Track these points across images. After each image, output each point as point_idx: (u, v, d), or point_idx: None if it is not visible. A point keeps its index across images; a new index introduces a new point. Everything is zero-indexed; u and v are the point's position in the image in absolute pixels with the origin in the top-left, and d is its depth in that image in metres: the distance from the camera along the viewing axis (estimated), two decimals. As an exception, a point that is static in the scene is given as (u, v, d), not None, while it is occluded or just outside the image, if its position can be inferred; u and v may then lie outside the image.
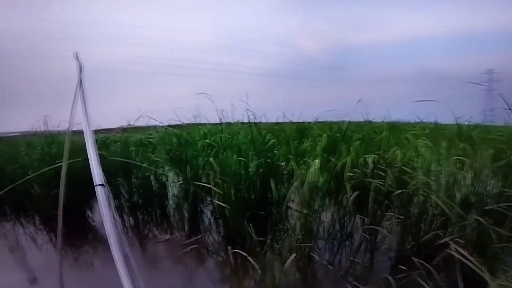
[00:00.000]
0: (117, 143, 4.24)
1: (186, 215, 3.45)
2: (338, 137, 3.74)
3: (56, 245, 3.35)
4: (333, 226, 2.60)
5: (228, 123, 3.64)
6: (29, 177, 3.39)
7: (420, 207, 2.50)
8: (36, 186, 3.63)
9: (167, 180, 3.75)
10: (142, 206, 3.85)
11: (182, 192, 3.48)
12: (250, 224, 2.66)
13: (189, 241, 3.18)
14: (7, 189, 2.18)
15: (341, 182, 2.70)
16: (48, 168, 3.15)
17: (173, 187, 3.70)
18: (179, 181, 3.43)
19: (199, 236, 3.28)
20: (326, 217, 2.63)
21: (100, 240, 3.44)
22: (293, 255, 2.19)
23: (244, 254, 2.33)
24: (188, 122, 4.26)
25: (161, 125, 4.05)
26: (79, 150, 3.83)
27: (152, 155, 3.63)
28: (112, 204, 1.13)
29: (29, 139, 4.64)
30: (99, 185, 1.13)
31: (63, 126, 4.28)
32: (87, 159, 1.24)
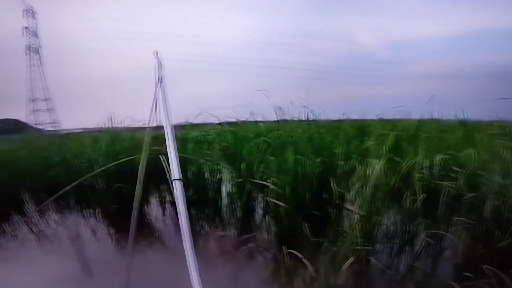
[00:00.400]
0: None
1: (239, 212, 3.58)
2: (403, 135, 3.54)
3: (113, 238, 3.77)
4: (394, 230, 2.46)
5: (285, 121, 3.59)
6: (94, 172, 3.67)
7: (495, 212, 2.26)
8: (100, 180, 3.88)
9: (221, 177, 3.89)
10: (196, 202, 3.98)
11: (236, 189, 3.62)
12: (306, 224, 2.71)
13: (241, 238, 3.32)
14: (75, 183, 2.42)
15: (405, 184, 2.61)
16: (113, 164, 3.40)
17: (227, 184, 3.84)
18: (233, 178, 3.45)
19: (252, 234, 3.38)
20: (387, 220, 2.62)
21: (155, 236, 3.71)
22: (351, 258, 2.25)
23: (299, 255, 2.28)
24: (243, 119, 4.27)
25: (217, 122, 4.11)
26: (140, 146, 4.09)
27: (208, 152, 3.70)
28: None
29: (95, 136, 5.02)
30: (177, 179, 1.17)
31: (127, 123, 4.52)
32: (161, 154, 1.32)
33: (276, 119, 3.65)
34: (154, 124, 1.59)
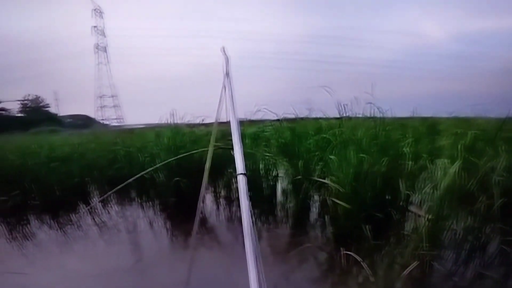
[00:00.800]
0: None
1: (295, 210, 3.60)
2: (480, 135, 3.24)
3: (168, 231, 3.84)
4: (463, 235, 2.41)
5: (348, 118, 3.44)
6: (156, 165, 3.79)
7: None
8: (160, 174, 4.02)
9: (278, 173, 3.94)
10: (250, 198, 3.85)
11: (292, 187, 3.65)
12: (367, 226, 2.64)
13: (296, 237, 3.30)
14: (139, 175, 2.54)
15: (481, 186, 2.45)
16: (174, 158, 3.49)
17: (283, 181, 3.89)
18: (290, 175, 3.38)
19: (308, 234, 3.35)
20: (456, 224, 2.45)
21: (210, 231, 3.72)
22: (415, 262, 2.18)
23: (357, 258, 2.16)
24: (303, 116, 4.19)
25: (275, 118, 4.07)
26: (199, 141, 4.19)
27: (266, 148, 3.67)
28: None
29: (158, 131, 5.22)
30: (241, 174, 1.16)
31: (187, 119, 4.65)
32: (222, 148, 1.33)
33: (338, 116, 3.50)
34: (217, 120, 1.58)
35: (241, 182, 1.13)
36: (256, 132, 4.59)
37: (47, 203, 4.67)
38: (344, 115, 3.54)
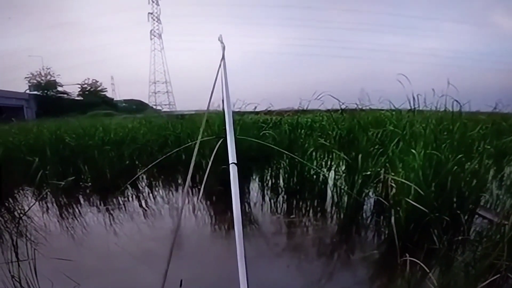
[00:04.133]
0: (286, 125, 4.34)
1: (347, 206, 3.41)
2: None
3: (212, 219, 3.88)
4: None
5: (419, 110, 3.20)
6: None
7: None
8: (208, 160, 4.03)
9: (331, 167, 3.82)
10: (298, 192, 4.05)
11: (347, 182, 3.48)
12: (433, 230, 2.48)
13: (347, 237, 3.20)
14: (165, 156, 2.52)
15: None
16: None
17: (337, 175, 3.75)
18: (345, 169, 3.22)
19: (363, 235, 3.21)
20: None
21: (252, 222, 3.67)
22: (496, 275, 1.94)
23: (422, 265, 1.97)
24: (365, 106, 3.99)
25: (332, 108, 3.92)
26: (246, 128, 4.13)
27: (320, 139, 3.52)
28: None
29: (208, 117, 5.23)
30: (233, 163, 1.22)
31: (237, 106, 4.65)
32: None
33: (409, 108, 3.27)
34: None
35: (232, 172, 1.18)
36: (309, 122, 4.46)
37: (98, 185, 4.91)
38: (415, 107, 3.29)
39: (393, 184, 2.80)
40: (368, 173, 3.23)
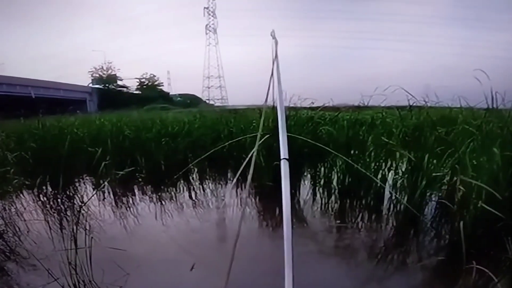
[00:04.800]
0: (344, 121, 4.21)
1: (406, 208, 3.22)
2: None
3: (260, 215, 3.84)
4: None
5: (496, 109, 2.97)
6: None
7: None
8: (260, 156, 4.04)
9: (392, 166, 3.69)
10: (351, 191, 3.93)
11: (408, 183, 3.28)
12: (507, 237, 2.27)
13: (405, 241, 3.05)
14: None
15: None
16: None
17: (398, 176, 3.61)
18: (408, 170, 3.20)
19: (427, 239, 3.02)
20: None
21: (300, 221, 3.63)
22: None
23: (492, 276, 1.81)
24: (433, 103, 3.77)
25: (395, 105, 3.74)
26: (303, 124, 4.07)
27: (383, 137, 3.38)
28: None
29: (261, 112, 5.23)
30: (284, 159, 1.21)
31: (294, 101, 4.60)
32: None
33: (484, 106, 3.02)
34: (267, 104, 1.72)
35: (284, 168, 1.17)
36: (371, 119, 4.29)
37: (152, 177, 5.11)
38: (492, 105, 3.02)
39: (461, 187, 2.60)
40: (434, 174, 3.04)
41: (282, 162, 1.19)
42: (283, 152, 1.25)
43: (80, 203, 4.10)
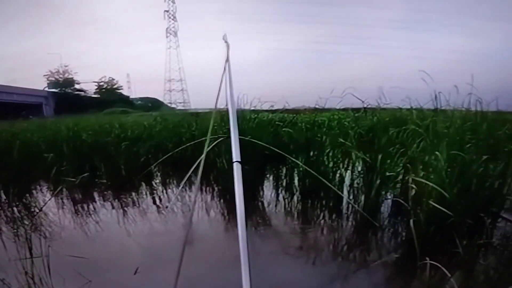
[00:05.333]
0: (302, 123, 4.29)
1: (364, 207, 3.34)
2: None
3: (225, 218, 3.82)
4: None
5: (442, 110, 3.12)
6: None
7: None
8: (222, 159, 4.10)
9: (348, 167, 3.79)
10: (312, 191, 3.98)
11: (364, 182, 3.41)
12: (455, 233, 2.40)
13: (364, 239, 3.11)
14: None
15: None
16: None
17: (354, 176, 3.70)
18: (363, 170, 3.38)
19: (380, 237, 3.10)
20: None
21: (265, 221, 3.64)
22: None
23: (445, 270, 1.89)
24: (385, 104, 3.91)
25: (351, 107, 3.86)
26: (262, 127, 4.08)
27: (339, 138, 3.48)
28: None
29: (223, 115, 5.22)
30: (237, 161, 1.26)
31: (254, 105, 4.64)
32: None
33: (432, 106, 3.18)
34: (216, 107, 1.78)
35: (236, 170, 1.22)
36: (327, 121, 4.40)
37: (113, 182, 4.95)
38: (439, 106, 3.20)
39: (414, 186, 2.71)
40: (388, 173, 3.15)
41: (234, 164, 1.25)
42: (235, 154, 1.29)
43: (37, 210, 3.88)
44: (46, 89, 46.02)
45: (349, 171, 3.83)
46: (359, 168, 3.57)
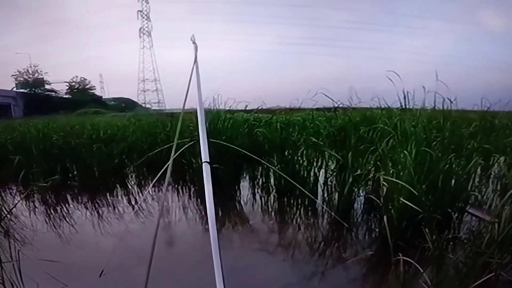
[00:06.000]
0: (278, 123, 4.32)
1: (338, 205, 3.41)
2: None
3: (203, 217, 3.73)
4: None
5: (408, 108, 3.22)
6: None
7: None
8: (198, 159, 4.02)
9: (322, 165, 3.82)
10: (288, 190, 4.04)
11: (337, 181, 3.51)
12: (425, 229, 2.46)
13: (339, 236, 3.14)
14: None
15: None
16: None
17: (328, 174, 3.75)
18: (336, 168, 3.23)
19: (354, 234, 3.15)
20: None
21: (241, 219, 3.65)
22: (491, 274, 1.94)
23: (416, 265, 1.95)
24: (355, 104, 3.99)
25: (325, 107, 3.93)
26: (238, 127, 4.08)
27: (312, 137, 3.52)
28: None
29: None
30: (206, 162, 1.28)
31: (229, 104, 4.62)
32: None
33: (399, 106, 3.27)
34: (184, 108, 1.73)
35: (205, 170, 1.23)
36: (302, 121, 4.44)
37: (86, 184, 4.84)
38: (406, 105, 3.29)
39: (385, 183, 2.78)
40: (359, 171, 3.21)
41: (203, 165, 1.26)
42: (204, 155, 1.29)
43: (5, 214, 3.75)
44: (15, 89, 44.46)
45: (322, 170, 3.88)
46: (332, 167, 3.65)
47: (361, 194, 3.56)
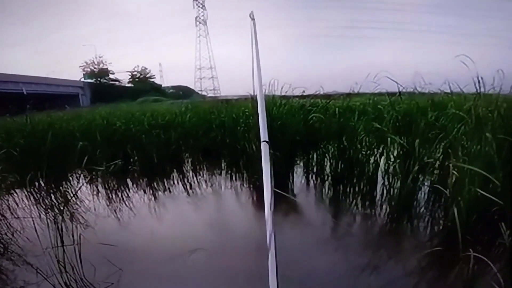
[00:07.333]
0: (336, 108, 4.15)
1: (399, 194, 3.19)
2: None
3: (253, 203, 3.85)
4: None
5: (484, 94, 2.93)
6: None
7: None
8: (253, 145, 4.18)
9: (384, 152, 3.62)
10: (346, 178, 3.91)
11: (400, 169, 3.24)
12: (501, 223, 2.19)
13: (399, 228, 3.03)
14: None
15: None
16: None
17: (390, 162, 3.54)
18: (400, 156, 3.21)
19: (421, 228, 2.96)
20: None
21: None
22: None
23: (489, 263, 1.76)
24: (421, 89, 3.72)
25: (386, 91, 3.70)
26: (295, 113, 4.01)
27: (374, 123, 3.33)
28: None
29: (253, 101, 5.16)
30: (264, 141, 1.22)
31: (285, 90, 4.53)
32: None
33: (472, 91, 2.98)
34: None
35: (264, 150, 1.18)
36: (363, 105, 4.24)
37: (145, 169, 5.07)
38: (480, 90, 2.98)
39: (455, 172, 2.54)
40: (426, 159, 3.00)
41: (262, 144, 1.19)
42: (263, 134, 1.23)
43: (72, 198, 3.98)
44: (82, 79, 47.48)
45: (383, 157, 3.68)
46: (395, 154, 3.43)
47: (425, 184, 3.32)
